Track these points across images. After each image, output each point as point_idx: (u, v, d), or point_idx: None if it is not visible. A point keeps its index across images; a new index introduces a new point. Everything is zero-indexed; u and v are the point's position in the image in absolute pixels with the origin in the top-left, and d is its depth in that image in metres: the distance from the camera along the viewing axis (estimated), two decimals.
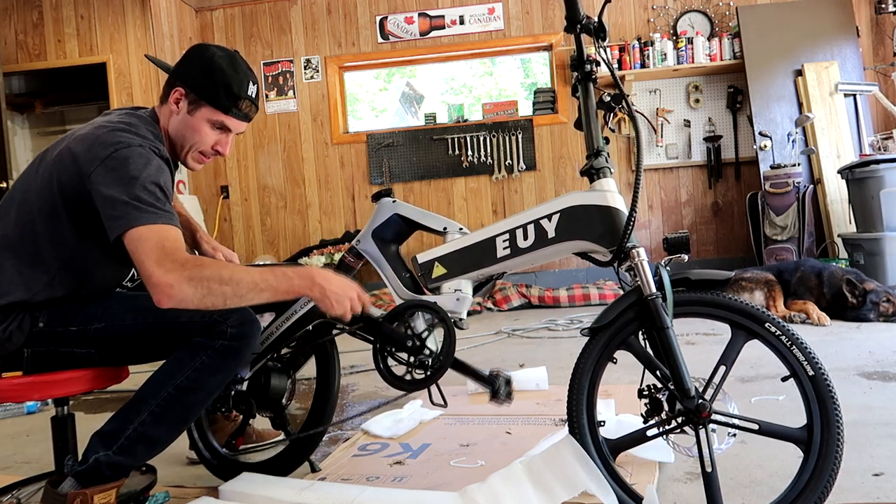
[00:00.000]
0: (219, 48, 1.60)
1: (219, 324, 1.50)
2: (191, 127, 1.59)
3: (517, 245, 1.57)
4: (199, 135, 1.60)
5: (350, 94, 6.11)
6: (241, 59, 1.61)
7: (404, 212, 1.77)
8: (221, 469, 1.86)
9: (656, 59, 5.19)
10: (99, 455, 1.46)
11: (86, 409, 2.92)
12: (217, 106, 1.57)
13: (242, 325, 1.53)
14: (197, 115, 1.58)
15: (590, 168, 1.52)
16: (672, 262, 1.49)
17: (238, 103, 1.58)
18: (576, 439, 1.43)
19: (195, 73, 1.56)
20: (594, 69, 1.54)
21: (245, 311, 1.56)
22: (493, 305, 5.13)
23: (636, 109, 1.52)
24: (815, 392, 1.33)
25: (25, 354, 1.49)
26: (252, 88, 1.60)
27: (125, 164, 1.40)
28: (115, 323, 1.52)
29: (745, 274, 4.09)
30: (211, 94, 1.56)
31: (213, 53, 1.57)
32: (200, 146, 1.61)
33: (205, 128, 1.59)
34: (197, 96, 1.56)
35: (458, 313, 1.65)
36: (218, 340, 1.49)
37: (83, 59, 5.10)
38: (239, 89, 1.57)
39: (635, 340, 1.46)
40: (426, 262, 1.68)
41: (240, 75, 1.57)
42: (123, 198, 1.38)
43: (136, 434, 1.48)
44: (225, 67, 1.56)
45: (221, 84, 1.55)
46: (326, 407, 1.80)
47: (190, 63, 1.58)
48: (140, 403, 1.50)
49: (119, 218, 1.37)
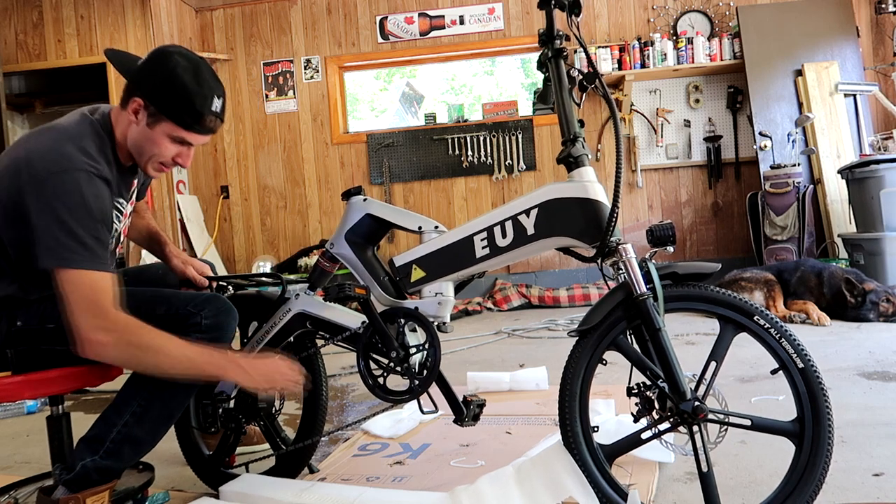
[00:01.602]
0: (183, 56, 1.47)
1: (192, 316, 1.50)
2: (150, 139, 1.49)
3: (496, 244, 1.50)
4: (158, 147, 1.50)
5: (350, 94, 6.11)
6: (207, 69, 1.49)
7: (376, 211, 1.67)
8: (214, 479, 1.83)
9: (656, 59, 5.18)
10: (86, 461, 1.46)
11: (85, 409, 2.92)
12: (178, 122, 1.47)
13: (217, 315, 1.52)
14: (157, 128, 1.48)
15: (567, 156, 1.42)
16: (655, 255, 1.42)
17: (201, 120, 1.48)
18: (570, 448, 1.40)
19: (156, 85, 1.45)
20: (564, 44, 1.45)
21: (219, 300, 1.55)
22: (493, 305, 5.13)
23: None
24: (805, 385, 1.32)
25: (9, 354, 1.49)
26: (217, 103, 1.49)
27: (61, 192, 1.35)
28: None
29: (745, 274, 4.09)
30: (172, 109, 1.45)
31: (176, 64, 1.45)
32: (160, 158, 1.52)
33: (164, 141, 1.49)
34: (157, 110, 1.46)
35: (441, 317, 1.59)
36: (194, 333, 1.48)
37: (83, 59, 5.09)
38: (202, 106, 1.46)
39: (625, 340, 1.42)
40: (404, 265, 1.60)
41: (204, 90, 1.46)
42: (54, 230, 1.33)
43: (120, 436, 1.47)
44: (188, 82, 1.44)
45: (184, 99, 1.45)
46: (317, 417, 1.76)
47: (151, 73, 1.46)
48: (121, 405, 1.50)
49: (50, 250, 1.34)
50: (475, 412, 1.65)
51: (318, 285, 1.76)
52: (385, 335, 1.59)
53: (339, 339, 1.68)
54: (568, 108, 1.43)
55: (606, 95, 1.40)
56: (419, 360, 1.60)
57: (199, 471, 1.86)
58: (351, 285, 1.57)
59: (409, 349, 1.59)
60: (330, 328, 1.71)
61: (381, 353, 1.62)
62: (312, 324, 1.73)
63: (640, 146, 5.42)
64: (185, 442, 1.87)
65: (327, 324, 1.71)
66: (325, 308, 1.71)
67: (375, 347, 1.63)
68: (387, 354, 1.60)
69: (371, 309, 1.59)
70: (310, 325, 1.73)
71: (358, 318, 1.67)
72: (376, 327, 1.60)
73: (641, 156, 5.43)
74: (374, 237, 1.72)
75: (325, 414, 1.78)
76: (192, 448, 1.86)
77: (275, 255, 5.74)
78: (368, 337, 1.63)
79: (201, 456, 1.86)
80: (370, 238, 1.71)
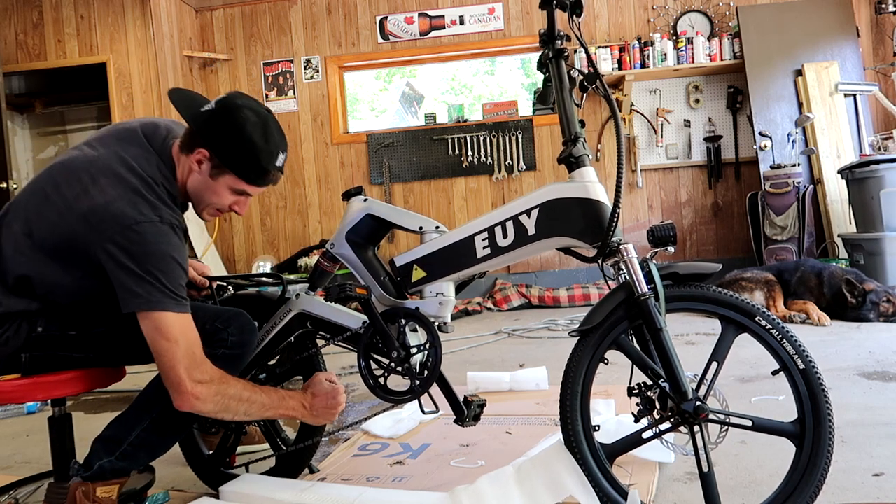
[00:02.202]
0: (252, 111, 1.46)
1: (220, 332, 1.52)
2: (211, 189, 1.51)
3: (497, 244, 1.49)
4: (218, 197, 1.52)
5: (350, 95, 6.11)
6: (274, 124, 1.50)
7: (377, 211, 1.67)
8: (214, 479, 1.83)
9: (656, 59, 5.18)
10: (103, 461, 1.49)
11: (85, 409, 2.92)
12: (243, 177, 1.48)
13: (242, 333, 1.55)
14: (220, 180, 1.49)
15: (568, 156, 1.42)
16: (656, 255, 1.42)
17: (265, 176, 1.50)
18: (571, 447, 1.40)
19: (223, 139, 1.45)
20: (564, 44, 1.44)
21: (243, 317, 1.57)
22: (493, 305, 5.13)
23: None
24: (805, 386, 1.32)
25: (23, 358, 1.49)
26: (281, 158, 1.51)
27: (143, 241, 1.36)
28: (116, 328, 1.52)
29: (745, 274, 4.09)
30: (238, 165, 1.47)
31: (246, 119, 1.45)
32: (217, 206, 1.54)
33: (226, 192, 1.51)
34: (221, 162, 1.46)
35: (442, 317, 1.59)
36: (220, 349, 1.51)
37: (83, 59, 5.10)
38: (268, 163, 1.48)
39: (626, 340, 1.42)
40: (405, 266, 1.60)
41: (270, 146, 1.47)
42: (140, 273, 1.35)
43: (138, 440, 1.50)
44: (256, 139, 1.45)
45: (251, 156, 1.46)
46: None
47: (219, 126, 1.45)
48: (142, 410, 1.52)
49: (138, 295, 1.35)
50: (476, 412, 1.65)
51: (319, 285, 1.76)
52: (386, 335, 1.59)
53: (339, 339, 1.68)
54: (569, 108, 1.43)
55: (608, 96, 1.40)
56: (420, 360, 1.60)
57: (199, 471, 1.86)
58: (352, 285, 1.57)
59: (410, 349, 1.59)
60: (331, 328, 1.71)
61: (382, 354, 1.62)
62: (313, 324, 1.73)
63: (640, 146, 5.42)
64: (185, 442, 1.87)
65: (328, 324, 1.71)
66: (325, 308, 1.71)
67: (376, 347, 1.63)
68: (388, 354, 1.60)
69: (372, 309, 1.59)
70: (310, 325, 1.73)
71: (359, 318, 1.67)
72: (377, 327, 1.60)
73: (641, 156, 5.43)
74: (375, 237, 1.72)
75: None
76: (193, 448, 1.86)
77: (275, 256, 5.74)
78: (369, 337, 1.63)
79: (201, 456, 1.86)
80: (371, 238, 1.71)
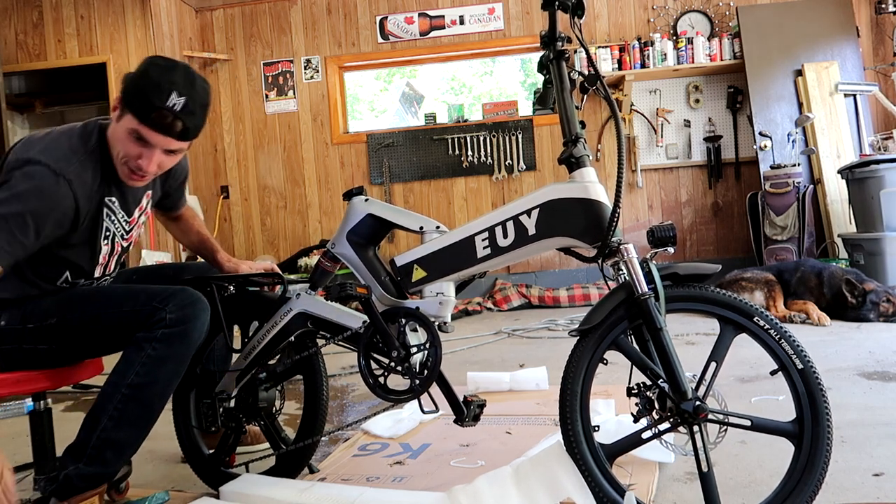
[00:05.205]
0: (167, 59, 1.49)
1: (157, 311, 1.49)
2: (117, 135, 1.49)
3: (497, 244, 1.50)
4: (122, 144, 1.49)
5: (350, 95, 6.11)
6: (182, 71, 1.47)
7: (378, 211, 1.67)
8: (214, 478, 1.82)
9: (656, 59, 5.18)
10: (68, 470, 1.46)
11: (86, 408, 2.92)
12: (136, 114, 1.44)
13: (183, 308, 1.51)
14: (122, 122, 1.47)
15: (569, 157, 1.43)
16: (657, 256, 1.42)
17: (153, 113, 1.43)
18: (570, 447, 1.40)
19: (129, 79, 1.47)
20: (566, 45, 1.45)
21: (185, 293, 1.54)
22: (493, 305, 5.13)
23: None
24: (804, 385, 1.33)
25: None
26: (175, 99, 1.43)
27: (10, 182, 1.41)
28: (66, 317, 1.52)
29: (745, 274, 4.09)
30: (132, 100, 1.45)
31: (153, 61, 1.47)
32: (123, 156, 1.50)
33: (127, 138, 1.47)
34: (123, 103, 1.46)
35: (442, 317, 1.59)
36: (159, 329, 1.48)
37: (83, 59, 5.10)
38: (157, 98, 1.42)
39: (626, 340, 1.42)
40: (405, 266, 1.60)
41: (164, 84, 1.42)
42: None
43: (100, 441, 1.47)
44: (153, 74, 1.44)
45: (141, 92, 1.43)
46: (317, 417, 1.75)
47: (132, 72, 1.49)
48: (99, 410, 1.49)
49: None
50: (475, 412, 1.65)
51: (319, 285, 1.76)
52: (386, 335, 1.59)
53: (340, 338, 1.68)
54: (569, 108, 1.44)
55: (608, 97, 1.41)
56: (420, 359, 1.60)
57: (199, 470, 1.86)
58: (352, 285, 1.57)
59: (410, 349, 1.59)
60: (331, 328, 1.71)
61: (382, 353, 1.62)
62: (313, 323, 1.73)
63: (640, 146, 5.42)
64: (185, 441, 1.87)
65: (328, 323, 1.71)
66: (326, 308, 1.71)
67: (376, 347, 1.63)
68: (388, 354, 1.60)
69: (372, 308, 1.59)
70: (311, 324, 1.73)
71: (359, 317, 1.67)
72: (377, 327, 1.60)
73: (641, 156, 5.43)
74: (376, 237, 1.72)
75: (325, 414, 1.77)
76: (193, 447, 1.86)
77: (275, 255, 5.74)
78: (369, 336, 1.63)
79: (201, 455, 1.85)
80: (371, 238, 1.72)
